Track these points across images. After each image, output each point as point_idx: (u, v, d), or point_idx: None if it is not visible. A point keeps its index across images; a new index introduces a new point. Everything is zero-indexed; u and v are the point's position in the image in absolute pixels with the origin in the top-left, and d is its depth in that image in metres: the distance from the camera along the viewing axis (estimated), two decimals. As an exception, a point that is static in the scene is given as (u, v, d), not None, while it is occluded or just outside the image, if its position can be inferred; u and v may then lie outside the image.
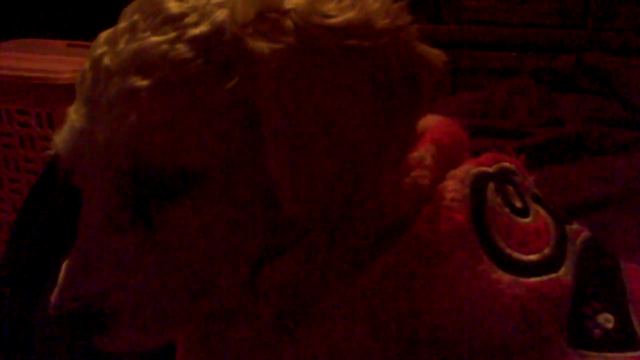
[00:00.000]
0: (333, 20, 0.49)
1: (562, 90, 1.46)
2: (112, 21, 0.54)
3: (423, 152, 0.54)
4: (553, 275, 0.53)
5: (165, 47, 0.49)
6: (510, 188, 0.57)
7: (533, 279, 0.52)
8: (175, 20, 0.50)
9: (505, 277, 0.51)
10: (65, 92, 1.87)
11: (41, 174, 1.06)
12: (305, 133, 0.48)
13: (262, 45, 0.48)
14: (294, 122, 0.48)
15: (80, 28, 2.29)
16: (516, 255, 0.53)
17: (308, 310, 0.52)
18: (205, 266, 0.51)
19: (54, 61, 1.93)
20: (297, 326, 0.52)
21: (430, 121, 0.58)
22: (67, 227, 0.91)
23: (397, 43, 0.50)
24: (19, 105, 1.97)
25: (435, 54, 0.53)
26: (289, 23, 0.48)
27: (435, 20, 1.97)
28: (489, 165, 0.57)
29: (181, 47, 0.49)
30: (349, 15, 0.49)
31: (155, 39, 0.49)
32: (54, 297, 0.50)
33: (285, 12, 0.48)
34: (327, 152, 0.49)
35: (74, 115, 0.51)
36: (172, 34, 0.49)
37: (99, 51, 0.51)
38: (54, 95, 1.90)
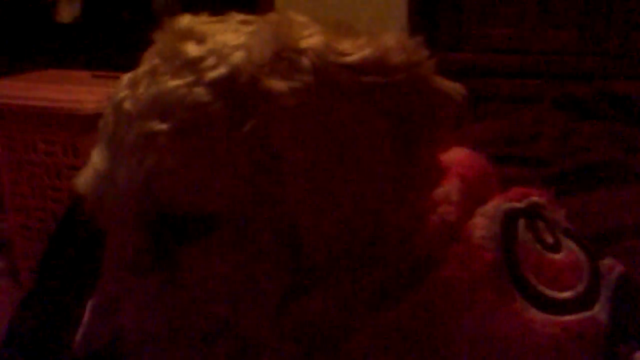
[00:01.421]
0: (349, 59, 0.49)
1: (584, 118, 1.45)
2: (137, 52, 0.54)
3: (449, 188, 0.54)
4: (587, 314, 0.52)
5: (183, 90, 0.49)
6: (541, 223, 0.56)
7: (567, 317, 0.51)
8: (194, 64, 0.50)
9: (539, 316, 0.51)
10: (90, 122, 1.89)
11: (66, 211, 1.07)
12: (324, 170, 0.48)
13: (279, 84, 0.48)
14: (313, 160, 0.48)
15: (105, 59, 2.32)
16: (549, 292, 0.52)
17: (335, 347, 0.51)
18: (227, 307, 0.51)
19: (79, 92, 1.95)
20: None
21: (455, 155, 0.58)
22: (92, 263, 0.92)
23: (413, 78, 0.50)
24: (44, 135, 2.00)
25: (453, 87, 0.52)
26: (305, 62, 0.48)
27: (455, 49, 1.98)
28: (519, 200, 0.56)
29: (199, 91, 0.49)
30: (365, 52, 0.49)
31: (173, 83, 0.49)
32: (78, 337, 0.50)
33: (302, 52, 0.49)
34: (347, 188, 0.49)
35: (96, 157, 0.52)
36: (191, 78, 0.49)
37: (120, 95, 0.51)
38: (79, 125, 1.92)
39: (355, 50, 0.49)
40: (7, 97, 2.01)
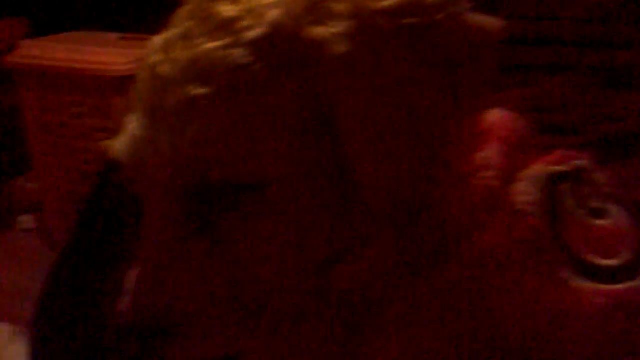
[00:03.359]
0: (385, 3, 0.48)
1: (618, 86, 1.43)
2: (165, 14, 0.53)
3: (490, 152, 0.53)
4: (634, 283, 0.50)
5: (221, 53, 0.48)
6: (585, 188, 0.55)
7: (613, 287, 0.50)
8: (230, 25, 0.49)
9: (585, 285, 0.50)
10: (119, 84, 1.90)
11: (100, 173, 1.08)
12: (378, 117, 0.48)
13: (321, 31, 0.48)
14: (366, 107, 0.48)
15: (132, 21, 2.32)
16: (594, 260, 0.51)
17: (377, 313, 0.51)
18: (271, 274, 0.51)
19: (108, 54, 1.96)
20: (365, 331, 0.51)
21: (494, 116, 0.56)
22: (127, 227, 0.93)
23: (450, 17, 0.49)
24: (73, 97, 2.01)
25: (491, 22, 0.52)
26: (342, 9, 0.48)
27: (489, 16, 1.95)
28: (562, 164, 0.55)
29: (238, 52, 0.48)
30: None
31: (210, 45, 0.48)
32: (125, 308, 0.50)
33: (337, 0, 0.48)
34: (401, 129, 0.48)
35: (134, 124, 0.51)
36: (228, 39, 0.48)
37: (154, 59, 0.50)
38: (108, 87, 1.93)
39: None
40: (36, 59, 2.02)
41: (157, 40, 0.52)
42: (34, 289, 1.09)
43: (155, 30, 0.53)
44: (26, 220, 2.37)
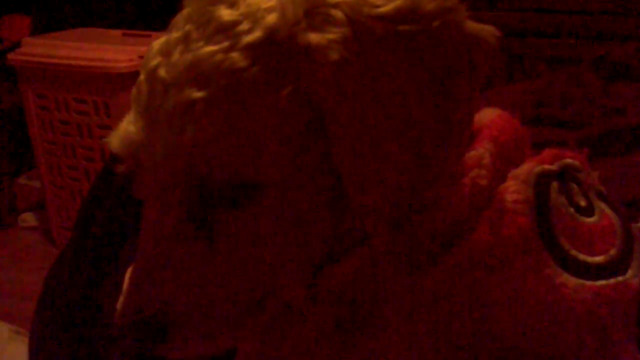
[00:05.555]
0: (383, 9, 0.48)
1: (622, 80, 1.43)
2: (167, 11, 0.53)
3: (481, 151, 0.53)
4: (620, 278, 0.51)
5: (219, 56, 0.48)
6: (574, 186, 0.55)
7: (599, 283, 0.51)
8: (228, 29, 0.49)
9: (571, 281, 0.50)
10: (121, 81, 1.90)
11: (101, 170, 1.08)
12: (370, 123, 0.48)
13: (317, 37, 0.47)
14: (359, 113, 0.48)
15: (135, 18, 2.33)
16: (582, 257, 0.52)
17: (368, 315, 0.51)
18: (267, 273, 0.51)
19: (110, 50, 1.96)
20: (358, 331, 0.51)
21: (487, 115, 0.57)
22: (128, 224, 0.93)
23: (447, 25, 0.49)
24: (76, 94, 2.01)
25: (488, 31, 0.51)
26: (339, 15, 0.48)
27: (490, 7, 1.95)
28: (552, 163, 0.55)
29: (236, 56, 0.48)
30: (397, 2, 0.48)
31: (209, 48, 0.48)
32: (119, 306, 0.50)
33: (335, 5, 0.48)
34: (392, 137, 0.48)
35: (132, 126, 0.51)
36: (226, 43, 0.48)
37: (153, 62, 0.50)
38: (111, 84, 1.93)
39: (387, 1, 0.49)
40: (39, 55, 2.02)
41: (156, 43, 0.52)
42: (35, 287, 1.09)
43: (157, 27, 0.53)
44: (28, 218, 2.38)
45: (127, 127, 0.51)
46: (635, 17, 1.84)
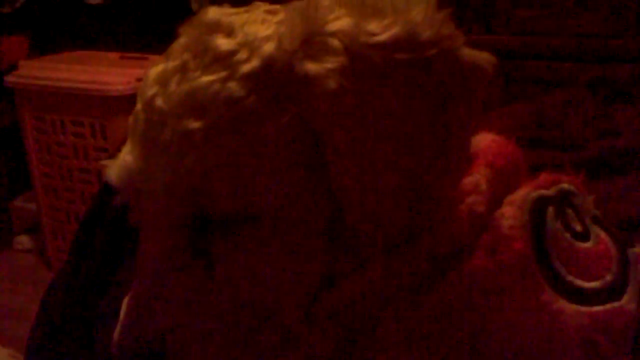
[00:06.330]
0: (379, 38, 0.48)
1: (616, 101, 1.43)
2: (163, 35, 0.53)
3: (478, 177, 0.53)
4: (616, 304, 0.51)
5: (217, 86, 0.48)
6: (570, 211, 0.55)
7: (595, 308, 0.51)
8: (225, 58, 0.49)
9: (568, 308, 0.50)
10: (118, 104, 1.91)
11: (97, 193, 1.07)
12: (368, 151, 0.48)
13: (314, 67, 0.47)
14: (356, 141, 0.48)
15: (133, 40, 2.33)
16: (578, 282, 0.52)
17: (367, 337, 0.51)
18: (265, 299, 0.51)
19: (108, 73, 1.97)
20: (357, 352, 0.51)
21: (483, 140, 0.57)
22: (124, 247, 0.92)
23: (444, 53, 0.49)
24: (73, 116, 2.01)
25: (484, 58, 0.51)
26: (337, 44, 0.48)
27: (486, 31, 1.95)
28: (548, 188, 0.55)
29: (233, 86, 0.48)
30: (394, 30, 0.48)
31: (206, 78, 0.48)
32: (116, 335, 0.50)
33: (332, 34, 0.48)
34: (390, 164, 0.48)
35: (129, 156, 0.51)
36: (223, 73, 0.48)
37: (150, 92, 0.50)
38: (108, 106, 1.94)
39: (384, 30, 0.49)
40: (36, 78, 2.03)
41: (153, 72, 0.52)
42: (31, 309, 1.08)
43: (155, 49, 0.53)
44: (24, 241, 2.37)
45: (125, 156, 0.51)
46: (630, 40, 1.85)
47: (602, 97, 1.45)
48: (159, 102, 0.49)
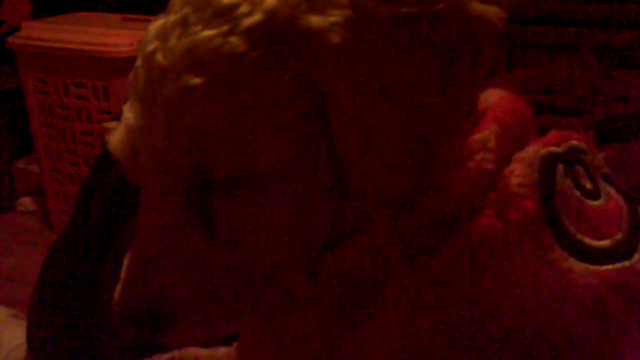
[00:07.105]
0: None
1: (624, 67, 1.42)
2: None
3: (486, 134, 0.52)
4: (626, 263, 0.50)
5: (218, 41, 0.47)
6: (580, 168, 0.54)
7: (605, 267, 0.50)
8: (227, 12, 0.48)
9: (577, 266, 0.49)
10: (120, 66, 1.90)
11: (99, 155, 1.07)
12: (371, 105, 0.47)
13: (318, 20, 0.46)
14: (361, 97, 0.47)
15: (134, 2, 2.31)
16: (587, 241, 0.51)
17: (370, 298, 0.51)
18: (268, 259, 0.50)
19: (110, 35, 1.95)
20: (359, 315, 0.51)
21: (492, 97, 0.56)
22: (126, 209, 0.92)
23: (452, 6, 0.48)
24: (75, 78, 2.01)
25: (493, 12, 0.50)
26: None
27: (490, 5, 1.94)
28: (557, 145, 0.54)
29: (235, 40, 0.47)
30: None
31: (207, 33, 0.47)
32: (117, 295, 0.50)
33: None
34: (395, 122, 0.47)
35: (129, 113, 0.50)
36: (225, 27, 0.47)
37: (150, 47, 0.49)
38: (110, 68, 1.93)
39: None
40: (38, 40, 2.02)
41: (153, 27, 0.51)
42: (33, 271, 1.09)
43: (157, 11, 0.53)
44: (27, 203, 2.38)
45: (125, 114, 0.50)
46: (636, 4, 1.84)
47: (608, 62, 1.44)
48: (159, 57, 0.48)
